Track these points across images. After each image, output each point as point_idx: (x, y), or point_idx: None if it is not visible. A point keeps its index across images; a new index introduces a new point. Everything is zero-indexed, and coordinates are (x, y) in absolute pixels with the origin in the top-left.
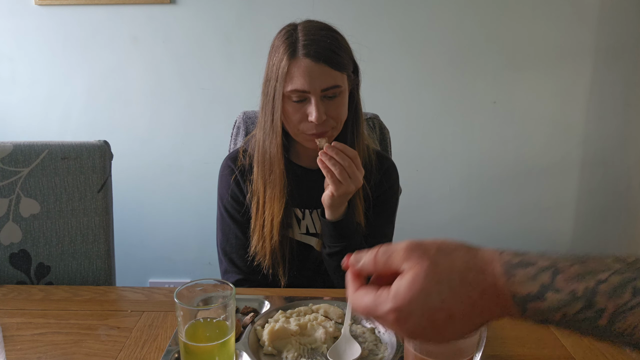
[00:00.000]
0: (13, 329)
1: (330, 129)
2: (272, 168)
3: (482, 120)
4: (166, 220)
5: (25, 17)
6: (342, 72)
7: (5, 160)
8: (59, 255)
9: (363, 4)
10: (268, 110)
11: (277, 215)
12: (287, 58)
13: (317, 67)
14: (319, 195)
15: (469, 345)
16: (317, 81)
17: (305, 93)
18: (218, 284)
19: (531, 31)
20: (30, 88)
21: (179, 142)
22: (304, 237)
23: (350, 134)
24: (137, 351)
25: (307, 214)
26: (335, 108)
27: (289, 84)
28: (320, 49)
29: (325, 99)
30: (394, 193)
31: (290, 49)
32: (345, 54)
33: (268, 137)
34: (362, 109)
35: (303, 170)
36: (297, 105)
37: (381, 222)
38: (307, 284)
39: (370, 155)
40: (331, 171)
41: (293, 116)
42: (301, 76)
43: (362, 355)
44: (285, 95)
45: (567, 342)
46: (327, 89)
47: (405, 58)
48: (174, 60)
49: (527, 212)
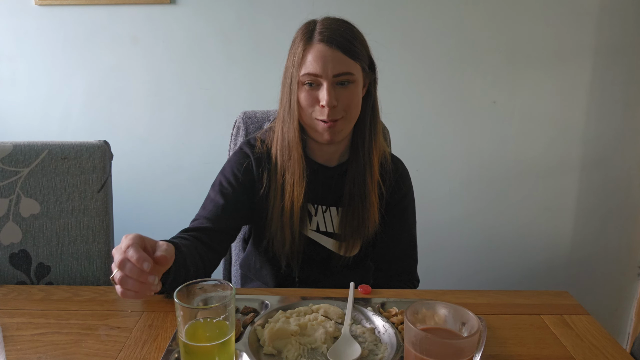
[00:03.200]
0: (13, 329)
1: (340, 117)
2: (290, 153)
3: (482, 120)
4: (166, 221)
5: (25, 17)
6: (355, 61)
7: (5, 160)
8: (59, 255)
9: (363, 4)
10: (285, 97)
11: (298, 200)
12: (303, 44)
13: (330, 51)
14: (333, 193)
15: (469, 345)
16: (330, 65)
17: (317, 77)
18: (218, 284)
19: (531, 31)
20: (30, 88)
21: (179, 142)
22: (314, 235)
23: (369, 134)
24: (137, 351)
25: (319, 210)
26: (346, 96)
27: (303, 68)
28: (334, 35)
29: (338, 85)
30: (412, 198)
31: (307, 36)
32: (361, 45)
33: (286, 122)
34: (379, 108)
35: (319, 166)
36: (310, 90)
37: (410, 226)
38: (314, 283)
39: (388, 161)
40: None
41: (306, 101)
42: (314, 60)
43: (362, 355)
44: (300, 81)
45: (567, 342)
46: (339, 74)
47: (406, 58)
48: (174, 60)
49: (527, 212)
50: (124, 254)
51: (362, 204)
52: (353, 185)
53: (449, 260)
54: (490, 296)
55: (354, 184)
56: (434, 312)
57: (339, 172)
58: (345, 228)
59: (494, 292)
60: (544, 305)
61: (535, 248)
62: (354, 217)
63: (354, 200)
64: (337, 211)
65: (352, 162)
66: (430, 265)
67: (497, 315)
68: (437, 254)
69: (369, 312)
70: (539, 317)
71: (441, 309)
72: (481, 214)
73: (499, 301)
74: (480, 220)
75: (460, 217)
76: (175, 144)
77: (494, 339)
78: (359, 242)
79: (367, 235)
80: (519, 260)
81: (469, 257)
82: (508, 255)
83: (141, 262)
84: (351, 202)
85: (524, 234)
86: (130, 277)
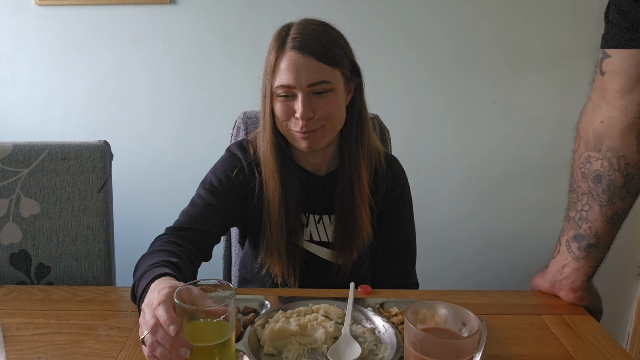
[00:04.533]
0: (13, 329)
1: (320, 127)
2: (266, 164)
3: (482, 120)
4: (166, 220)
5: (25, 17)
6: (333, 68)
7: (5, 161)
8: (59, 256)
9: (363, 4)
10: (262, 107)
11: (280, 210)
12: (275, 52)
13: (303, 59)
14: (325, 201)
15: (469, 345)
16: (303, 75)
17: (291, 88)
18: (218, 284)
19: (531, 31)
20: (30, 88)
21: (179, 142)
22: (308, 245)
23: (355, 142)
24: (137, 351)
25: (311, 220)
26: (324, 105)
27: (276, 79)
28: (307, 41)
29: (315, 95)
30: (408, 196)
31: (279, 43)
32: (340, 50)
33: (262, 134)
34: (367, 113)
35: (309, 175)
36: (285, 101)
37: (406, 230)
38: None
39: (381, 162)
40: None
41: (281, 112)
42: (287, 70)
43: (362, 355)
44: (274, 92)
45: (567, 342)
46: (314, 84)
47: (406, 58)
48: (174, 60)
49: (527, 212)
50: (155, 316)
51: (354, 210)
52: (344, 192)
53: (449, 260)
54: (490, 296)
55: (344, 191)
56: (434, 312)
57: (330, 180)
58: (340, 236)
59: (494, 292)
60: (544, 305)
61: (536, 248)
62: (348, 223)
63: (346, 206)
64: (330, 219)
65: (341, 170)
66: (430, 265)
67: (497, 315)
68: (437, 254)
69: (369, 312)
70: (539, 317)
71: (441, 309)
72: (481, 214)
73: (499, 301)
74: (480, 220)
75: (460, 217)
76: (175, 144)
77: (494, 339)
78: (355, 250)
79: (363, 242)
80: (519, 260)
81: (469, 257)
82: (508, 255)
83: (168, 324)
84: (344, 209)
85: (524, 234)
86: (162, 344)
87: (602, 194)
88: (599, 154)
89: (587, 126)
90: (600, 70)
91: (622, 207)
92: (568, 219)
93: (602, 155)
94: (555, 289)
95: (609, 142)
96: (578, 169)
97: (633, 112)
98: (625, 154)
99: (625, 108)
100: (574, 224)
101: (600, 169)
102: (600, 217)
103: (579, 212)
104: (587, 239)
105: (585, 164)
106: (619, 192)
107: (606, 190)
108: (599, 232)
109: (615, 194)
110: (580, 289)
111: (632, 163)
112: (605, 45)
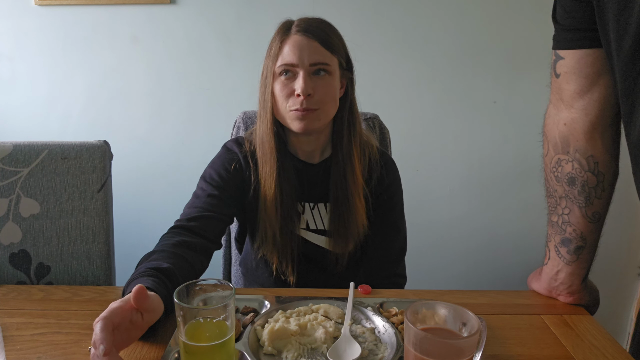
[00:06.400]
0: (13, 329)
1: (317, 109)
2: (263, 146)
3: (482, 120)
4: (166, 221)
5: (25, 17)
6: (332, 54)
7: (5, 160)
8: (59, 255)
9: (363, 4)
10: (261, 91)
11: (277, 195)
12: (280, 37)
13: (307, 41)
14: (319, 189)
15: (469, 345)
16: (306, 54)
17: (294, 67)
18: (218, 284)
19: (531, 31)
20: (30, 88)
21: (179, 142)
22: (305, 233)
23: (347, 133)
24: (137, 351)
25: (307, 208)
26: (322, 86)
27: (279, 59)
28: (311, 27)
29: (314, 75)
30: (398, 186)
31: (284, 29)
32: (338, 41)
33: (261, 117)
34: (358, 109)
35: (303, 164)
36: (285, 80)
37: (394, 217)
38: (313, 284)
39: (374, 154)
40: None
41: (281, 92)
42: (291, 50)
43: (362, 355)
44: (275, 72)
45: (567, 342)
46: (315, 63)
47: (406, 58)
48: (174, 60)
49: (527, 212)
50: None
51: (348, 199)
52: (338, 180)
53: (449, 260)
54: (490, 296)
55: (338, 180)
56: (434, 312)
57: (323, 167)
58: (336, 222)
59: (494, 292)
60: (544, 305)
61: (536, 248)
62: (343, 212)
63: (341, 195)
64: (326, 207)
65: (334, 159)
66: (430, 265)
67: (497, 315)
68: (437, 254)
69: (369, 312)
70: (539, 317)
71: (441, 309)
72: (481, 213)
73: (499, 301)
74: (481, 220)
75: (460, 217)
76: (175, 144)
77: (494, 339)
78: (351, 238)
79: (358, 231)
80: (519, 260)
81: (469, 257)
82: (508, 255)
83: (98, 344)
84: (339, 197)
85: (524, 233)
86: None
87: (578, 195)
88: (568, 156)
89: (553, 129)
90: (555, 73)
91: (601, 205)
92: (552, 224)
93: (571, 157)
94: (553, 294)
95: (575, 143)
96: (551, 173)
97: (594, 112)
98: (593, 154)
99: (585, 108)
100: (558, 228)
101: (572, 171)
102: (582, 219)
103: (560, 216)
104: (575, 242)
105: (557, 167)
106: (594, 191)
107: (582, 191)
108: (584, 233)
109: (591, 194)
110: (578, 292)
111: (601, 162)
112: (556, 46)
